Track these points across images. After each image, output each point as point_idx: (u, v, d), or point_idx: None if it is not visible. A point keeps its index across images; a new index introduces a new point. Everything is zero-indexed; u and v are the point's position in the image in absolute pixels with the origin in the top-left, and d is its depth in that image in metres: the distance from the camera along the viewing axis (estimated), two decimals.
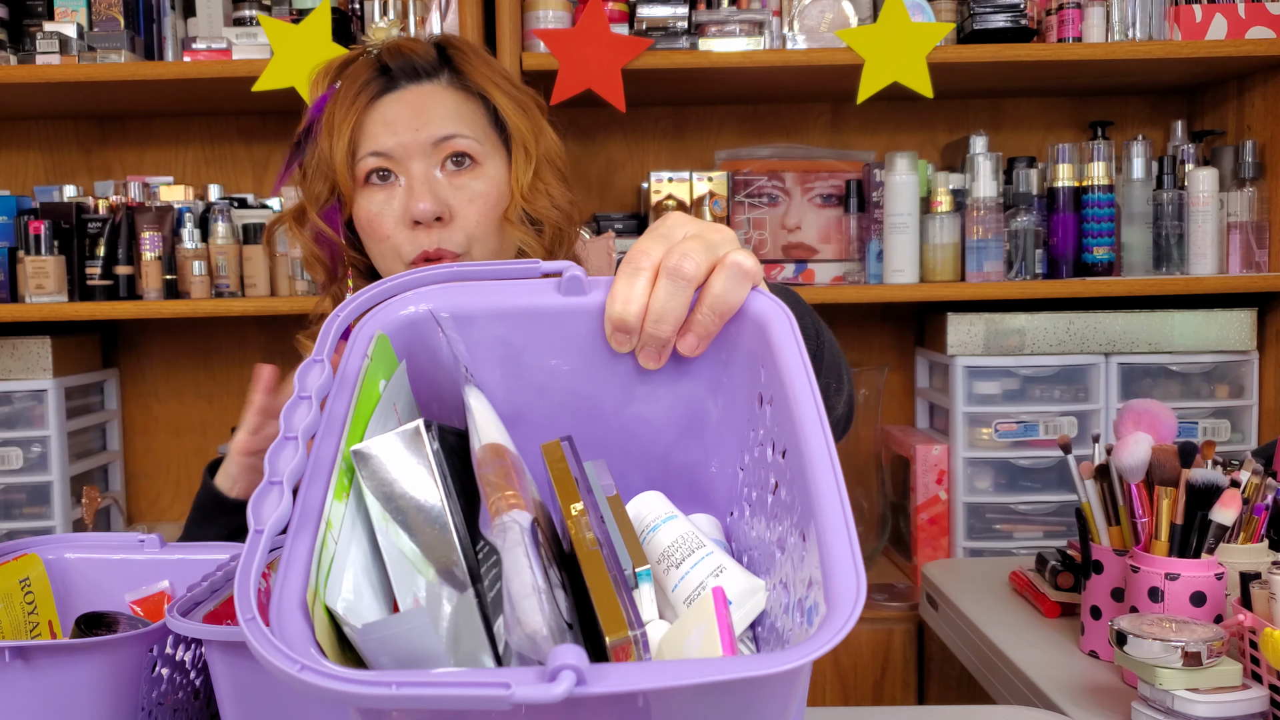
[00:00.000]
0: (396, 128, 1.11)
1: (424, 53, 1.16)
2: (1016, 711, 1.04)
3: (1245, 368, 1.92)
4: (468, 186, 1.12)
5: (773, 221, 1.99)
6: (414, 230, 1.11)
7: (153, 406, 2.19)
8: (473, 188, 1.12)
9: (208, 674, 0.78)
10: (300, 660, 0.43)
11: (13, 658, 0.74)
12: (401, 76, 1.14)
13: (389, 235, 1.12)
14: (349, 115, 1.11)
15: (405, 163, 1.12)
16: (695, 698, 0.44)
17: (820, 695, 1.95)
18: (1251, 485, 1.08)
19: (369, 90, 1.13)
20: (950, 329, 1.91)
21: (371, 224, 1.12)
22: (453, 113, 1.14)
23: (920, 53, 1.79)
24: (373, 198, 1.12)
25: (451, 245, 1.11)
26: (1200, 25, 1.83)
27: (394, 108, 1.13)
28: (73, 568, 0.98)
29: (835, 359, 0.99)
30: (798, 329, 0.61)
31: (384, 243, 1.12)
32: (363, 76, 1.14)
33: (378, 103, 1.13)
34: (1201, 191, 1.89)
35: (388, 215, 1.12)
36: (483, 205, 1.13)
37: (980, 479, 1.94)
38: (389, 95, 1.14)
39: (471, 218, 1.12)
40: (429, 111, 1.12)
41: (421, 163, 1.11)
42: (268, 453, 0.53)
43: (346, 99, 1.12)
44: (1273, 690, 0.89)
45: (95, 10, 1.87)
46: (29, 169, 2.16)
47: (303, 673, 0.42)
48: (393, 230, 1.12)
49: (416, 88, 1.14)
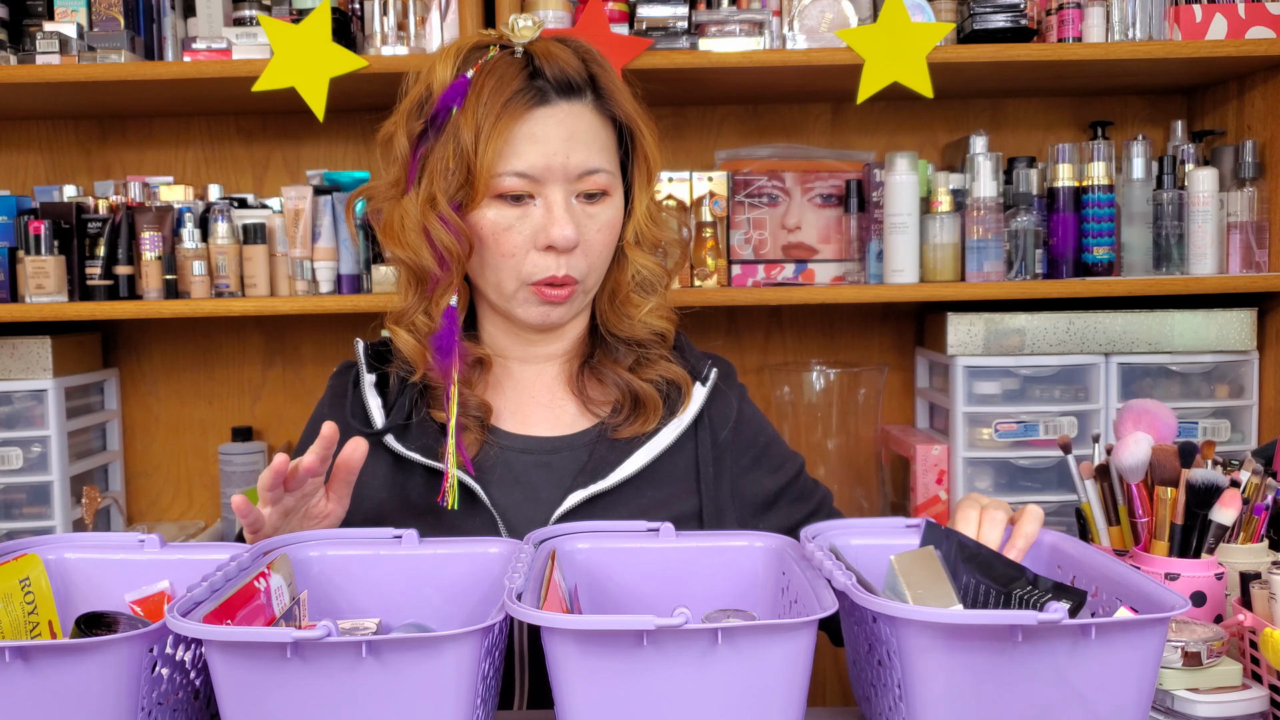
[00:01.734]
0: (545, 149, 1.11)
1: (575, 66, 1.15)
2: None
3: (1245, 368, 1.92)
4: (598, 216, 1.15)
5: (773, 221, 1.99)
6: (545, 253, 1.12)
7: (153, 406, 2.19)
8: (602, 218, 1.15)
9: (208, 674, 0.78)
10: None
11: (13, 658, 0.75)
12: (552, 90, 1.13)
13: (514, 254, 1.13)
14: (500, 123, 1.09)
15: (546, 185, 1.12)
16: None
17: (820, 695, 1.95)
18: (1251, 485, 1.08)
19: (521, 100, 1.11)
20: (950, 329, 1.91)
21: (497, 239, 1.12)
22: (597, 142, 1.15)
23: (920, 53, 1.79)
24: (504, 213, 1.12)
25: (576, 272, 1.14)
26: (1200, 25, 1.83)
27: (545, 125, 1.12)
28: (73, 568, 0.98)
29: None
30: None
31: (507, 259, 1.13)
32: (513, 81, 1.11)
33: (529, 115, 1.11)
34: (1201, 191, 1.89)
35: (517, 234, 1.12)
36: (609, 235, 1.16)
37: (980, 479, 1.94)
38: (541, 110, 1.12)
39: (597, 247, 1.15)
40: (578, 139, 1.13)
41: (562, 189, 1.12)
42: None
43: (496, 102, 1.10)
44: (1273, 690, 0.89)
45: (95, 10, 1.87)
46: (29, 169, 2.16)
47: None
48: (519, 250, 1.12)
49: (567, 106, 1.13)
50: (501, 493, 1.15)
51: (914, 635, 0.75)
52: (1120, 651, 0.75)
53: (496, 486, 1.16)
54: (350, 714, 0.75)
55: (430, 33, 1.84)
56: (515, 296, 1.16)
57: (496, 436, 1.19)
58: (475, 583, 0.97)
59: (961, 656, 0.74)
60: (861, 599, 0.78)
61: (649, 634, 0.75)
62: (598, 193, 1.15)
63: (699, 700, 0.76)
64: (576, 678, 0.77)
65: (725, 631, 0.75)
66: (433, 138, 1.13)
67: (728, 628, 0.75)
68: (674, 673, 0.76)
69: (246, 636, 0.76)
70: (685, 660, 0.76)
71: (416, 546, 0.99)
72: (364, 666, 0.75)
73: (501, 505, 1.14)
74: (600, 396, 1.21)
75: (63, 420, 1.94)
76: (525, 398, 1.22)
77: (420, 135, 1.14)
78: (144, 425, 2.20)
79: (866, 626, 0.84)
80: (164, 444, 2.20)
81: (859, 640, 0.89)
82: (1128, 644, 0.75)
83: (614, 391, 1.20)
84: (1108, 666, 0.75)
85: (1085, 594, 0.84)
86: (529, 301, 1.16)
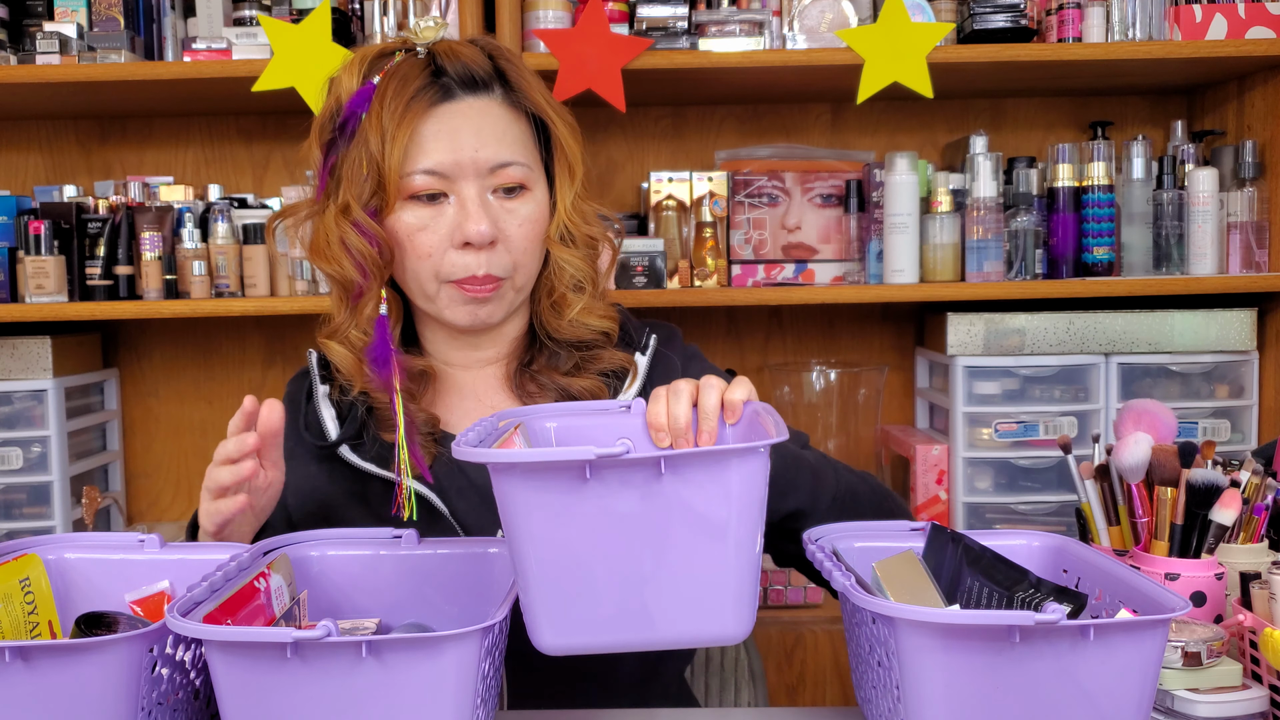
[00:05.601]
0: (453, 144, 1.10)
1: (480, 62, 1.13)
2: None
3: (1245, 368, 1.92)
4: (517, 211, 1.13)
5: (773, 221, 1.99)
6: (462, 251, 1.10)
7: (153, 406, 2.19)
8: (522, 212, 1.13)
9: (208, 674, 0.78)
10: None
11: (13, 658, 0.75)
12: (456, 85, 1.12)
13: (430, 254, 1.11)
14: (403, 122, 1.08)
15: (458, 182, 1.10)
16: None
17: (820, 695, 1.95)
18: (1251, 485, 1.08)
19: (424, 97, 1.10)
20: (950, 329, 1.91)
21: (413, 239, 1.11)
22: (508, 135, 1.13)
23: (920, 53, 1.79)
24: (417, 213, 1.11)
25: (499, 269, 1.12)
26: (1200, 25, 1.83)
27: (451, 122, 1.11)
28: (73, 568, 0.98)
29: (872, 499, 1.15)
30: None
31: (423, 261, 1.11)
32: (416, 80, 1.10)
33: (433, 112, 1.10)
34: (1201, 191, 1.89)
35: (432, 233, 1.11)
36: (530, 230, 1.13)
37: (980, 479, 1.94)
38: (445, 106, 1.11)
39: (518, 242, 1.13)
40: (486, 132, 1.11)
41: (476, 184, 1.11)
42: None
43: (398, 101, 1.09)
44: (1273, 690, 0.89)
45: (95, 10, 1.87)
46: (29, 169, 2.16)
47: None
48: (435, 249, 1.11)
49: (473, 101, 1.12)
50: (459, 500, 1.14)
51: (912, 636, 0.75)
52: (1120, 653, 0.75)
53: (454, 494, 1.14)
54: (350, 714, 0.75)
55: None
56: (439, 298, 1.13)
57: (447, 446, 1.16)
58: (475, 583, 0.97)
59: (960, 657, 0.74)
60: (861, 600, 0.78)
61: (591, 464, 0.77)
62: (515, 186, 1.12)
63: (648, 525, 0.79)
64: (523, 512, 0.79)
65: (668, 460, 0.78)
66: (343, 146, 1.11)
67: (670, 455, 0.78)
68: (618, 504, 0.79)
69: (246, 636, 0.77)
70: (630, 491, 0.79)
71: (416, 546, 0.99)
72: (364, 666, 0.75)
73: (460, 512, 1.13)
74: (543, 399, 1.19)
75: (63, 420, 1.94)
76: (471, 404, 1.21)
77: (331, 145, 1.13)
78: (144, 425, 2.20)
79: (866, 628, 0.84)
80: (164, 444, 2.20)
81: (859, 641, 0.89)
82: (1127, 645, 0.75)
83: (553, 396, 1.18)
84: (1108, 668, 0.75)
85: (1086, 597, 0.84)
86: (454, 301, 1.13)
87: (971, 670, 0.75)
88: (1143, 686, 0.76)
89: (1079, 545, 0.97)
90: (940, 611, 0.77)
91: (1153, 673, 0.77)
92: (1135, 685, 0.76)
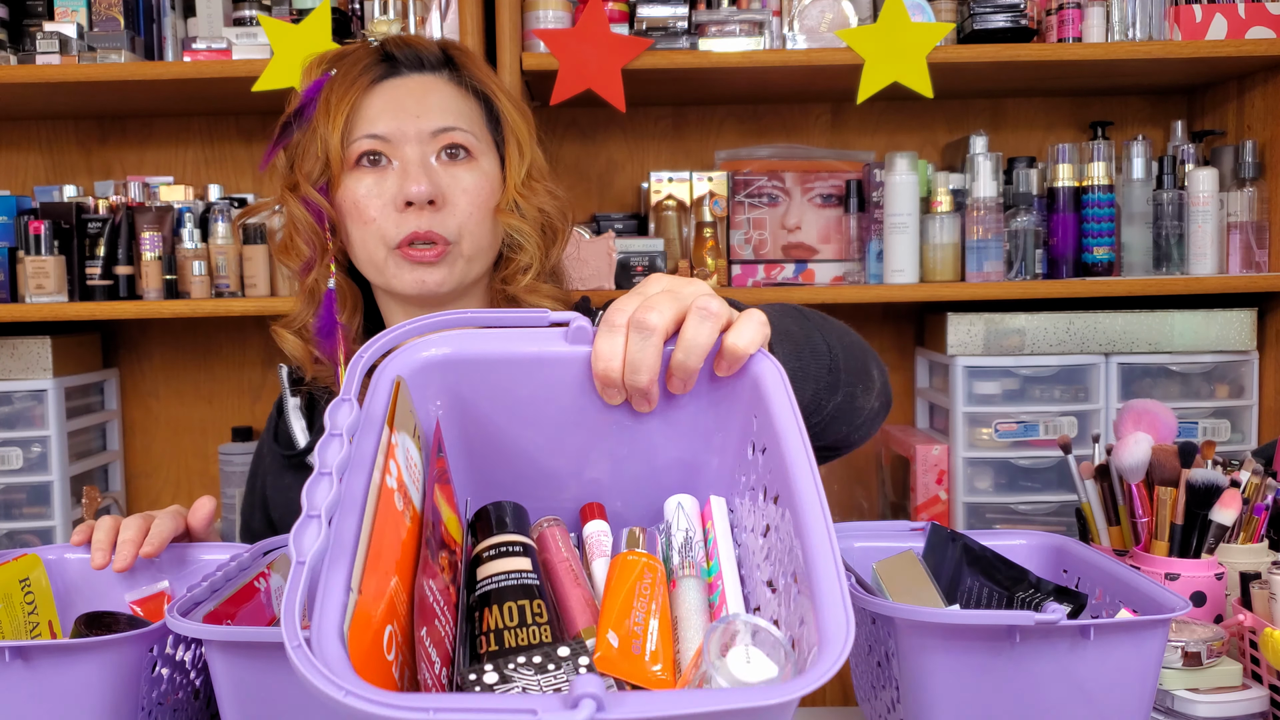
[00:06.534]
0: (396, 112, 1.11)
1: (428, 46, 1.17)
2: None
3: (1245, 368, 1.92)
4: (462, 178, 1.13)
5: (773, 221, 1.99)
6: (404, 212, 1.10)
7: (153, 406, 2.19)
8: (466, 179, 1.13)
9: (208, 674, 0.79)
10: (345, 686, 0.47)
11: (13, 658, 0.75)
12: (404, 64, 1.15)
13: (375, 219, 1.11)
14: (347, 95, 1.11)
15: (400, 147, 1.11)
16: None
17: (820, 695, 1.95)
18: (1251, 485, 1.08)
19: (370, 74, 1.13)
20: (950, 329, 1.91)
21: (358, 206, 1.12)
22: (452, 106, 1.14)
23: (920, 53, 1.79)
24: (362, 180, 1.12)
25: (443, 230, 1.11)
26: (1200, 25, 1.83)
27: (395, 93, 1.13)
28: (73, 568, 0.98)
29: (857, 361, 0.97)
30: (788, 383, 0.68)
31: (369, 226, 1.11)
32: (363, 61, 1.14)
33: (378, 86, 1.13)
34: (1201, 191, 1.89)
35: (376, 198, 1.11)
36: (475, 198, 1.13)
37: (980, 479, 1.93)
38: (390, 80, 1.14)
39: (464, 207, 1.12)
40: (429, 100, 1.13)
41: (417, 149, 1.11)
42: (305, 486, 0.57)
43: (345, 81, 1.12)
44: (1273, 690, 0.89)
45: (95, 10, 1.87)
46: (29, 169, 2.16)
47: (348, 698, 0.47)
48: (380, 213, 1.11)
49: (419, 77, 1.15)
50: None
51: (912, 636, 0.75)
52: (1120, 653, 0.75)
53: None
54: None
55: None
56: (387, 266, 1.12)
57: None
58: None
59: (960, 657, 0.74)
60: (860, 600, 0.78)
61: None
62: (458, 150, 1.12)
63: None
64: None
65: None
66: (297, 131, 1.15)
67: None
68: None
69: (246, 636, 0.76)
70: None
71: None
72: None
73: None
74: None
75: (63, 420, 1.94)
76: None
77: (286, 129, 1.16)
78: (144, 425, 2.20)
79: (866, 628, 0.84)
80: (164, 444, 2.20)
81: (860, 641, 0.89)
82: (1127, 645, 0.75)
83: None
84: (1108, 667, 0.75)
85: (1086, 597, 0.84)
86: (400, 268, 1.12)
87: (971, 670, 0.75)
88: (1143, 686, 0.76)
89: (1079, 545, 0.97)
90: (940, 611, 0.77)
91: (1153, 673, 0.77)
92: (1135, 685, 0.76)
